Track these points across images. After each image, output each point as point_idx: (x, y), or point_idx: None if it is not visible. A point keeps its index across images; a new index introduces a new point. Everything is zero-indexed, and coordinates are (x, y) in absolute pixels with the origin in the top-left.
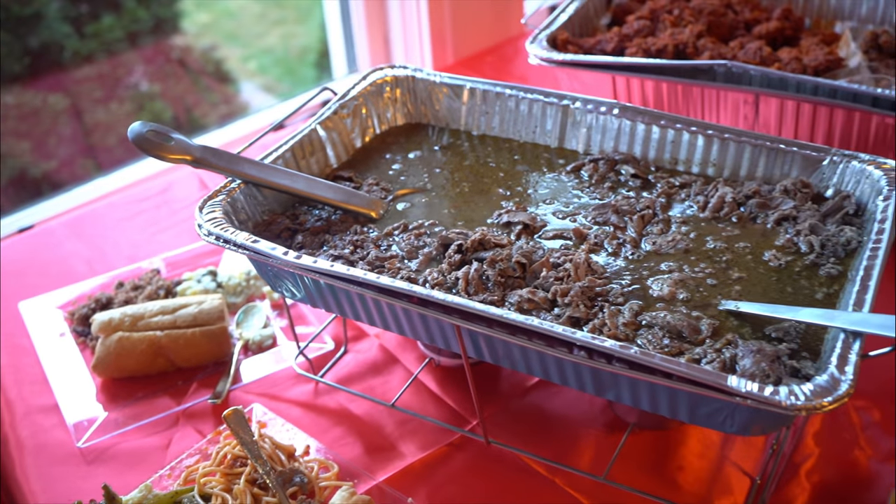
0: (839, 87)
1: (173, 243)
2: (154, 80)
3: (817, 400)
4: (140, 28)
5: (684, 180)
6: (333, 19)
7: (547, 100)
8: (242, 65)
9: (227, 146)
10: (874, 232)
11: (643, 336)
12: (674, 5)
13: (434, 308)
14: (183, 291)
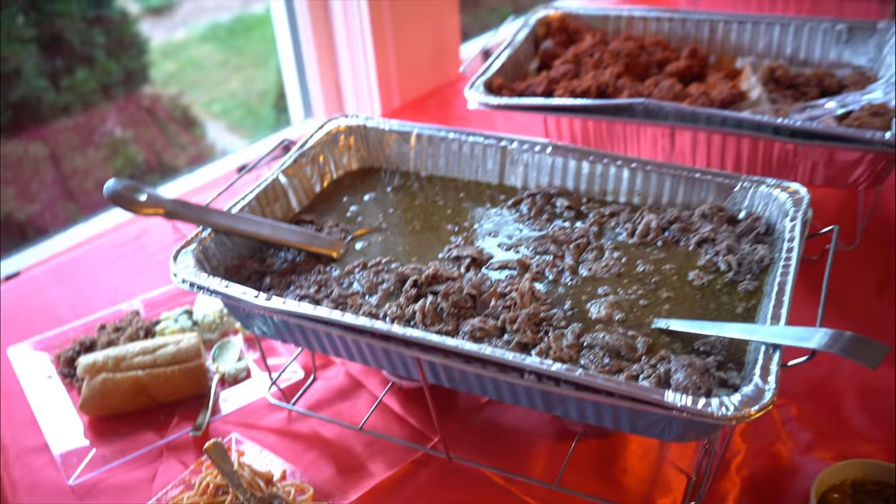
0: (744, 119)
1: (151, 285)
2: (127, 127)
3: (745, 409)
4: (112, 80)
5: (613, 209)
6: (289, 68)
7: (487, 142)
8: (207, 108)
9: (197, 190)
10: (784, 250)
11: (586, 356)
12: (594, 49)
13: (395, 342)
14: (161, 331)
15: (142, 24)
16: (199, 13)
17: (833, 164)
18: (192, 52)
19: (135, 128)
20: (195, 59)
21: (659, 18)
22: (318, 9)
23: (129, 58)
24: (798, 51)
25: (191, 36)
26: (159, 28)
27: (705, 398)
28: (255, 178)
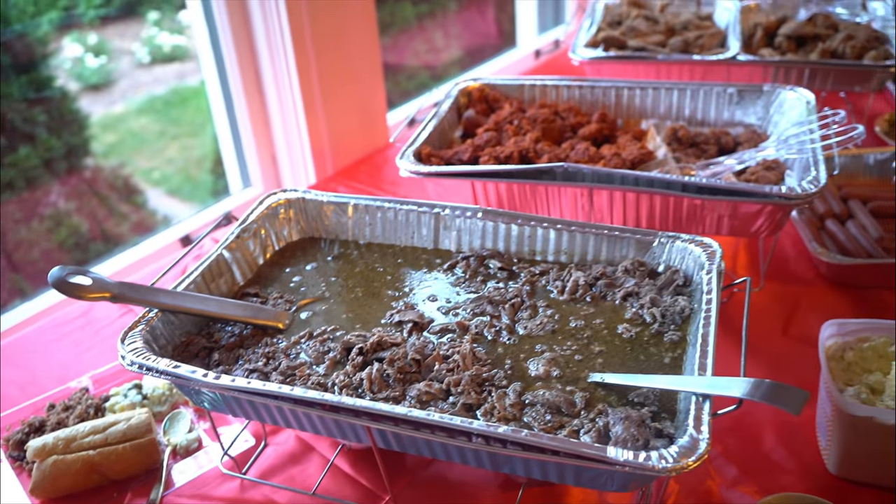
0: (655, 178)
1: (99, 361)
2: (70, 199)
3: (683, 460)
4: (54, 155)
5: (543, 268)
6: (225, 141)
7: (420, 209)
8: (147, 176)
9: (144, 260)
10: (703, 302)
11: (528, 414)
12: (513, 116)
13: (345, 412)
14: (112, 407)
15: (82, 100)
16: (136, 87)
17: (737, 216)
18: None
19: (77, 199)
20: (134, 131)
21: (569, 86)
22: (251, 83)
23: (70, 133)
24: (695, 112)
25: (129, 109)
26: (98, 103)
27: (645, 451)
28: (199, 252)
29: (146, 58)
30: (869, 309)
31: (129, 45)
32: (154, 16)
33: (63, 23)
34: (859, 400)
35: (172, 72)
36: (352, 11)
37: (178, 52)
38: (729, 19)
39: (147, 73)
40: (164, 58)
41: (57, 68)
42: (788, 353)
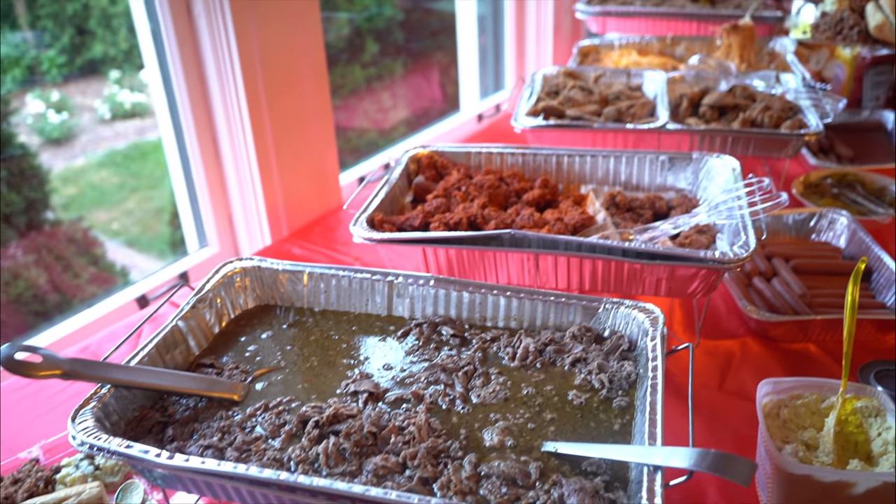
0: (597, 244)
1: (51, 429)
2: (28, 252)
3: None
4: (14, 209)
5: (494, 334)
6: (183, 203)
7: (374, 277)
8: (106, 227)
9: (99, 321)
10: (650, 369)
11: (484, 486)
12: (461, 183)
13: (301, 492)
14: (63, 479)
15: (43, 154)
16: (97, 142)
17: (674, 279)
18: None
19: (36, 252)
20: (94, 184)
21: (513, 153)
22: (207, 146)
23: (30, 188)
24: (631, 177)
25: (89, 163)
26: (59, 157)
27: None
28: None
29: (107, 114)
30: (797, 362)
31: (90, 102)
32: (115, 74)
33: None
34: (797, 458)
35: (133, 127)
36: (306, 75)
37: (138, 109)
38: (657, 90)
39: (108, 128)
40: (124, 114)
41: (19, 125)
42: (726, 407)
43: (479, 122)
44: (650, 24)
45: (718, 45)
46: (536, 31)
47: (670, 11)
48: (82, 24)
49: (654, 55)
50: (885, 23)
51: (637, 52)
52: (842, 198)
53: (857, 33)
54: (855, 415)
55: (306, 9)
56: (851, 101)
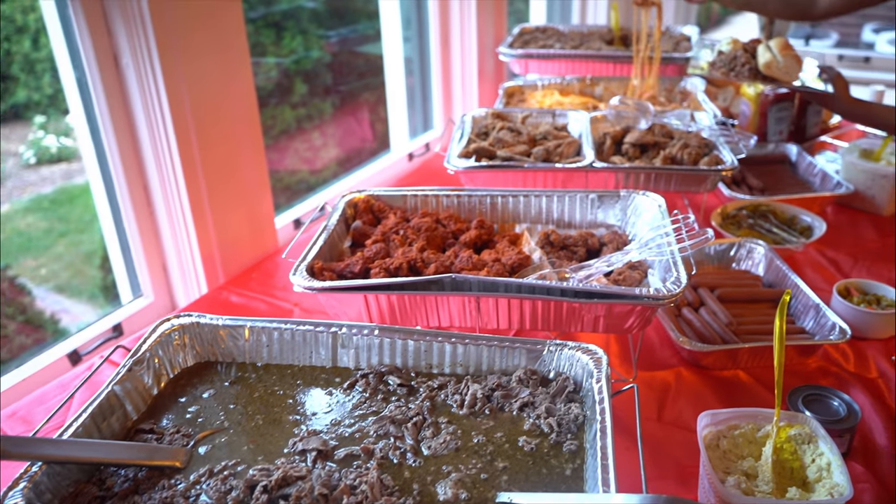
0: (536, 286)
1: None
2: None
3: None
4: None
5: (441, 381)
6: (114, 251)
7: (318, 329)
8: (35, 273)
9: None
10: (598, 412)
11: None
12: (399, 226)
13: None
14: None
15: None
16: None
17: (611, 315)
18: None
19: None
20: (20, 230)
21: (448, 195)
22: (138, 194)
23: None
24: (563, 215)
25: (15, 209)
26: None
27: None
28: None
29: (32, 159)
30: (729, 390)
31: (14, 148)
32: (40, 119)
33: None
34: (740, 489)
35: (59, 171)
36: (237, 121)
37: (65, 153)
38: (581, 129)
39: (33, 173)
40: (50, 158)
41: None
42: (666, 439)
43: (410, 160)
44: (569, 66)
45: (634, 84)
46: (462, 73)
47: (587, 53)
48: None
49: (574, 94)
50: (773, 61)
51: (559, 91)
52: (757, 228)
53: (748, 70)
54: (789, 442)
55: (235, 56)
56: (758, 136)
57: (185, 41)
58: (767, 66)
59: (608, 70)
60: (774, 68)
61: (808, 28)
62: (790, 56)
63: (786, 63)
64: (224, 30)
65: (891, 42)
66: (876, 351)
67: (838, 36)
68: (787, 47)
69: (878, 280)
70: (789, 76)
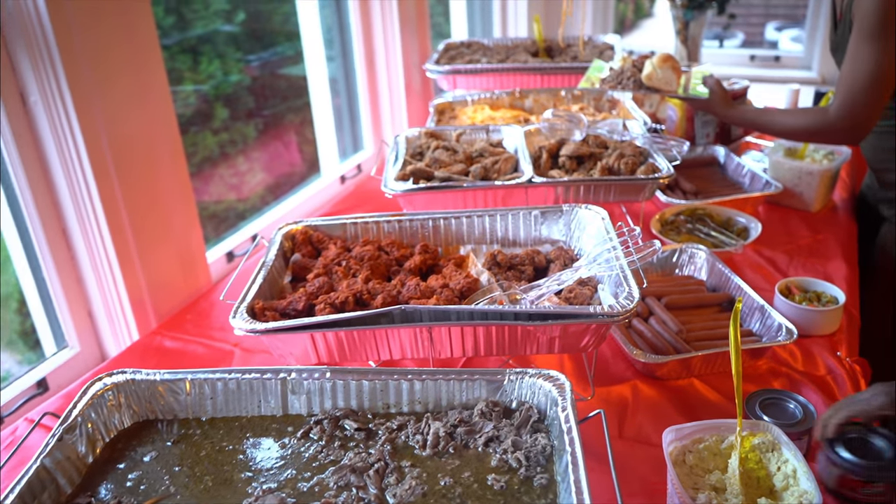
0: (488, 311)
1: None
2: None
3: None
4: None
5: (400, 422)
6: (34, 302)
7: (265, 376)
8: None
9: None
10: (566, 442)
11: None
12: (340, 257)
13: None
14: None
15: None
16: None
17: (566, 335)
18: None
19: None
20: None
21: (389, 220)
22: (57, 240)
23: None
24: (507, 233)
25: None
26: None
27: None
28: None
29: None
30: (685, 399)
31: None
32: None
33: None
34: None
35: None
36: (160, 154)
37: None
38: (516, 143)
39: None
40: None
41: None
42: (629, 455)
43: (342, 183)
44: (496, 79)
45: (563, 97)
46: (389, 91)
47: (514, 67)
48: None
49: (505, 108)
50: (653, 73)
51: (489, 106)
52: (696, 232)
53: (633, 82)
54: (754, 451)
55: (153, 84)
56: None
57: (97, 73)
58: (648, 78)
59: (536, 82)
60: (655, 79)
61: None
62: (668, 68)
63: (664, 74)
64: (139, 57)
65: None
66: (821, 348)
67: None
68: (667, 60)
69: (814, 276)
70: (669, 85)
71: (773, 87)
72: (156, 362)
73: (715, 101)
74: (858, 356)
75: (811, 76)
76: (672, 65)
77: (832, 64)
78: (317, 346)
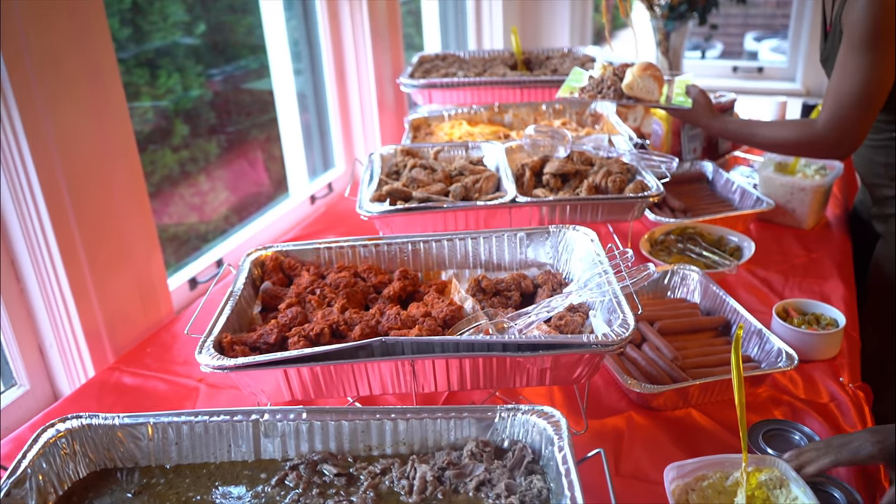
0: (475, 342)
1: None
2: None
3: None
4: None
5: (383, 465)
6: None
7: (235, 418)
8: None
9: None
10: (565, 486)
11: None
12: (314, 285)
13: None
14: None
15: None
16: None
17: (558, 366)
18: None
19: None
20: None
21: (365, 244)
22: (5, 272)
23: None
24: (491, 256)
25: None
26: None
27: None
28: None
29: None
30: (684, 431)
31: None
32: None
33: None
34: None
35: None
36: (117, 172)
37: None
38: (497, 161)
39: None
40: None
41: None
42: (627, 494)
43: (312, 203)
44: (474, 94)
45: (544, 111)
46: (360, 106)
47: (492, 80)
48: None
49: (484, 124)
50: (634, 82)
51: (467, 121)
52: (688, 252)
53: (614, 91)
54: (761, 489)
55: (110, 99)
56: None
57: (48, 89)
58: (629, 87)
59: (515, 96)
60: (636, 88)
61: (702, 41)
62: (649, 76)
63: (645, 83)
64: (94, 71)
65: (774, 50)
66: (823, 373)
67: (723, 46)
68: (647, 69)
69: (811, 297)
70: (650, 95)
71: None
72: (113, 400)
73: (699, 111)
74: (861, 381)
75: (795, 88)
76: (653, 73)
77: (816, 75)
78: (290, 383)
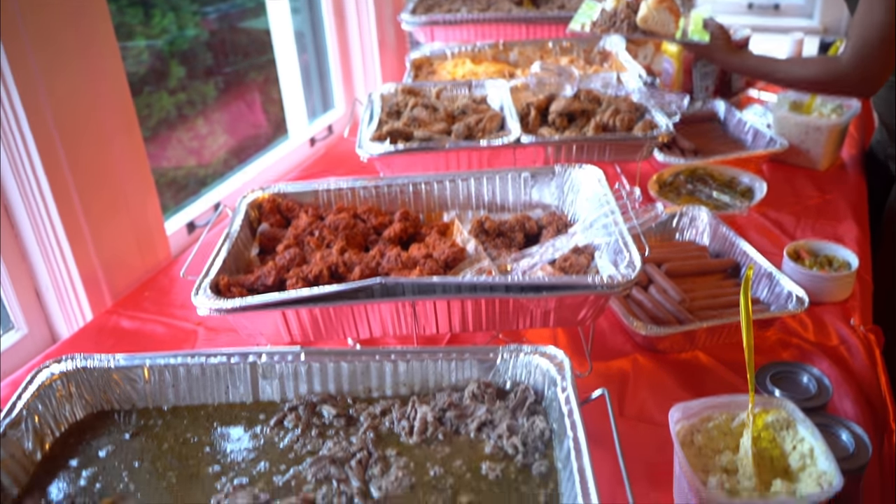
0: (477, 283)
1: None
2: None
3: None
4: None
5: (384, 406)
6: None
7: (233, 360)
8: None
9: None
10: (567, 426)
11: None
12: (312, 227)
13: None
14: None
15: None
16: None
17: (563, 308)
18: None
19: None
20: None
21: (365, 186)
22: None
23: None
24: (494, 197)
25: None
26: None
27: None
28: None
29: None
30: (690, 374)
31: None
32: None
33: None
34: (724, 491)
35: None
36: (109, 113)
37: None
38: (501, 100)
39: None
40: None
41: None
42: (631, 435)
43: (312, 146)
44: (478, 31)
45: (551, 49)
46: (361, 45)
47: (497, 17)
48: None
49: (488, 62)
50: (648, 14)
51: (471, 60)
52: (697, 193)
53: (627, 25)
54: (767, 430)
55: (99, 39)
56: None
57: (36, 28)
58: (644, 20)
59: (520, 33)
60: (650, 22)
61: None
62: (665, 9)
63: (661, 16)
64: (83, 9)
65: None
66: (833, 316)
67: None
68: (663, 1)
69: (823, 238)
70: (666, 29)
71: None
72: (112, 344)
73: (717, 46)
74: (872, 324)
75: (813, 25)
76: (669, 6)
77: (834, 12)
78: (289, 325)
